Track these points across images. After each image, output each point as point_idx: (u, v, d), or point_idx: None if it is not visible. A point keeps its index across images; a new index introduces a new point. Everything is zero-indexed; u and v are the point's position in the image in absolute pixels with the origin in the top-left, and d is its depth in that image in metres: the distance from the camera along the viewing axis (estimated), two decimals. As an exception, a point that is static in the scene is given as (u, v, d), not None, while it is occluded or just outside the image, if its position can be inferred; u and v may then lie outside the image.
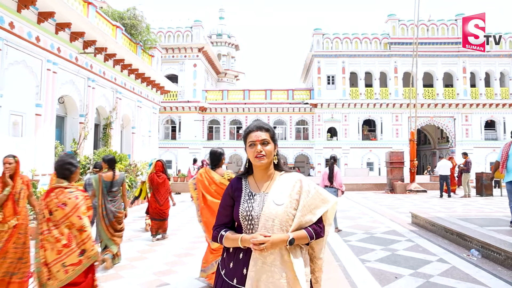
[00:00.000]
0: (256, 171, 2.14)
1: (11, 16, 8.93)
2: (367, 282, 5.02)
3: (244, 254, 1.98)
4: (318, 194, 2.06)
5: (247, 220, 2.01)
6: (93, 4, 12.93)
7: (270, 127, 2.16)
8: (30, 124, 9.81)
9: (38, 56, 10.05)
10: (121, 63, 14.96)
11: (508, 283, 4.88)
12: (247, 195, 2.08)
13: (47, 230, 3.28)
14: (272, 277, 1.86)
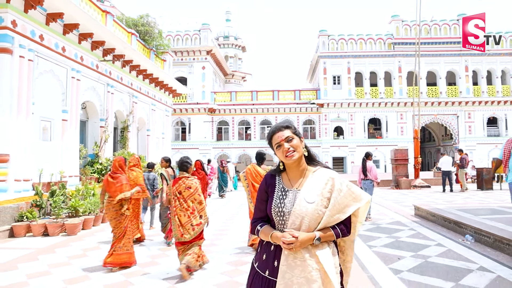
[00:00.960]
0: (289, 168, 2.17)
1: (41, 29, 9.72)
2: (373, 262, 5.72)
3: (275, 247, 2.04)
4: (350, 192, 2.06)
5: (279, 216, 2.05)
6: (110, 14, 13.71)
7: (290, 123, 2.20)
8: (58, 129, 10.58)
9: (63, 65, 10.82)
10: (137, 68, 15.75)
11: (494, 261, 5.59)
12: (280, 190, 2.12)
13: (179, 204, 5.22)
14: (303, 271, 1.90)
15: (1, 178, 8.34)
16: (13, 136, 8.63)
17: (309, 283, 1.87)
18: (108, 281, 5.09)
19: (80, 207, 9.02)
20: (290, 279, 1.90)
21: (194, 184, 5.30)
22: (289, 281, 1.90)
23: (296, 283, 1.88)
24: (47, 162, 9.82)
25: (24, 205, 8.70)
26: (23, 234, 8.16)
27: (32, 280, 5.10)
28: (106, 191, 5.82)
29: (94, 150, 12.84)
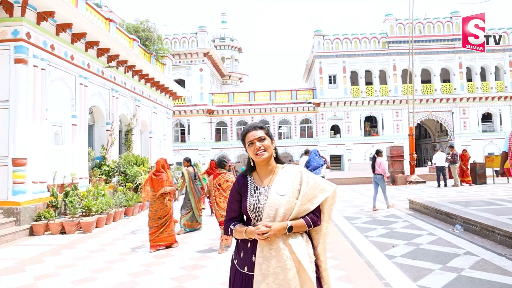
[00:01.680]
0: (258, 167, 2.30)
1: (52, 39, 10.22)
2: (370, 250, 6.28)
3: (251, 243, 2.14)
4: (317, 184, 2.18)
5: (254, 213, 2.16)
6: (113, 21, 14.23)
7: (264, 125, 2.32)
8: (68, 133, 11.08)
9: (72, 72, 11.32)
10: (139, 73, 16.27)
11: (480, 246, 6.17)
12: (252, 189, 2.23)
13: (219, 193, 6.65)
14: (279, 261, 2.00)
15: (20, 180, 8.85)
16: (29, 141, 9.13)
17: (284, 272, 1.98)
18: (143, 260, 5.64)
19: (93, 206, 9.55)
20: (267, 269, 2.01)
21: (231, 178, 6.75)
22: (266, 271, 2.01)
23: (272, 272, 2.00)
24: (60, 165, 10.32)
25: (41, 206, 9.24)
26: (42, 232, 8.69)
27: (61, 271, 5.64)
28: (151, 187, 7.15)
29: (101, 153, 13.35)
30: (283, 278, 1.98)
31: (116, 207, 10.73)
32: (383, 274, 4.98)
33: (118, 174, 13.47)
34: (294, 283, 1.97)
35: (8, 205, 8.67)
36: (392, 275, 4.93)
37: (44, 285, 5.00)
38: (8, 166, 8.84)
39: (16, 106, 8.93)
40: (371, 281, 4.75)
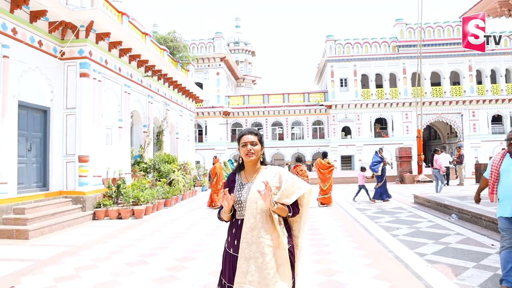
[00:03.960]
0: (246, 166, 2.66)
1: (105, 55, 11.90)
2: (378, 231, 7.83)
3: (235, 229, 2.54)
4: (294, 183, 2.52)
5: (237, 204, 2.55)
6: (148, 35, 15.92)
7: (258, 132, 2.66)
8: (116, 135, 12.75)
9: (119, 82, 13.00)
10: (169, 80, 17.95)
11: (468, 230, 7.71)
12: (239, 185, 2.62)
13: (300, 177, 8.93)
14: (258, 247, 2.38)
15: (84, 174, 10.54)
16: (90, 141, 10.81)
17: (263, 256, 2.35)
18: (196, 240, 7.25)
19: (141, 197, 11.20)
20: (249, 253, 2.38)
21: (304, 168, 11.26)
22: (248, 255, 2.37)
23: (253, 256, 2.37)
24: (110, 162, 11.99)
25: (100, 196, 10.94)
26: (102, 217, 10.39)
27: (138, 242, 7.27)
28: None
29: (139, 152, 15.03)
30: (261, 261, 2.35)
31: (158, 198, 12.38)
32: (388, 245, 6.54)
33: (153, 171, 15.15)
34: (271, 265, 2.35)
35: (75, 194, 10.40)
36: (395, 246, 6.48)
37: (120, 256, 6.57)
38: (75, 162, 10.54)
39: (81, 113, 10.63)
40: (379, 249, 6.30)
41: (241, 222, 2.50)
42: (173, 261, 5.88)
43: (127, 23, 13.78)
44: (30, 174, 9.83)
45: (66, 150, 10.66)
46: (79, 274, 5.31)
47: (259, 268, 2.34)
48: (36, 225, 8.32)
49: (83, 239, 7.86)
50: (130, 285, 4.79)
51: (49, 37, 10.30)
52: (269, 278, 2.32)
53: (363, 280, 4.71)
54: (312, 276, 4.89)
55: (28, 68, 9.52)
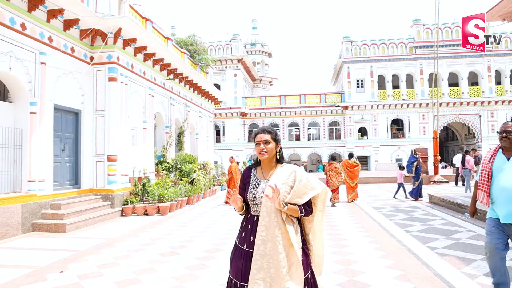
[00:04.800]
0: (262, 163, 2.67)
1: (131, 60, 12.53)
2: (393, 227, 8.23)
3: (251, 225, 2.56)
4: (309, 183, 2.52)
5: (252, 201, 2.57)
6: (170, 39, 16.57)
7: (273, 130, 2.65)
8: (140, 136, 13.37)
9: (144, 85, 13.62)
10: (189, 82, 18.56)
11: (480, 227, 8.03)
12: (254, 181, 2.63)
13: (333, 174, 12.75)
14: (273, 245, 2.39)
15: (113, 173, 11.17)
16: (118, 142, 11.44)
17: (277, 254, 2.38)
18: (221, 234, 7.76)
19: (166, 195, 11.79)
20: (264, 250, 2.40)
21: (338, 165, 12.72)
22: (263, 252, 2.40)
23: (268, 253, 2.40)
24: (136, 162, 12.60)
25: (127, 193, 11.57)
26: (130, 213, 11.01)
27: (167, 236, 7.82)
28: None
29: (162, 152, 15.65)
30: (276, 258, 2.38)
31: (181, 196, 12.95)
32: (401, 240, 6.95)
33: (175, 170, 15.76)
34: (283, 263, 2.38)
35: (105, 191, 11.03)
36: (408, 241, 6.89)
37: (152, 247, 7.11)
38: (104, 161, 11.18)
39: (110, 115, 11.27)
40: (393, 243, 6.72)
41: (257, 218, 2.51)
42: (202, 252, 6.40)
43: (151, 28, 14.43)
44: (63, 172, 10.50)
45: (95, 150, 11.32)
46: (118, 262, 5.87)
47: (273, 265, 2.38)
48: (72, 220, 8.95)
49: (116, 233, 8.45)
50: (166, 271, 5.31)
51: (80, 43, 10.96)
52: (282, 276, 2.36)
53: (378, 269, 5.14)
54: (332, 266, 5.34)
55: (62, 73, 10.17)
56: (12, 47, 8.54)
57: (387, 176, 23.92)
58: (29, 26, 8.96)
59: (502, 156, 3.69)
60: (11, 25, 8.42)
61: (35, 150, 9.12)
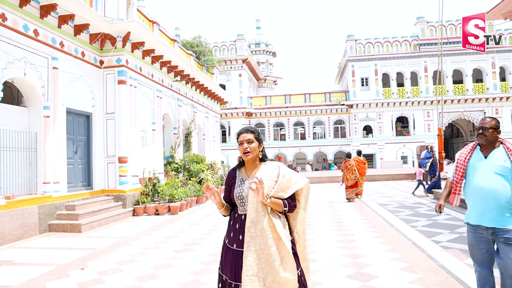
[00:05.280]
0: (246, 163, 2.70)
1: (140, 63, 12.80)
2: (398, 223, 8.45)
3: (239, 225, 2.57)
4: (291, 178, 2.56)
5: (239, 200, 2.59)
6: (177, 41, 16.85)
7: (256, 130, 2.70)
8: (149, 137, 13.64)
9: (152, 87, 13.90)
10: (196, 84, 18.83)
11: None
12: (239, 181, 2.66)
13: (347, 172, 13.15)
14: (263, 239, 2.41)
15: (124, 174, 11.45)
16: (128, 143, 11.71)
17: (268, 248, 2.40)
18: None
19: (176, 195, 12.05)
20: (254, 246, 2.42)
21: (352, 162, 13.14)
22: (253, 247, 2.42)
23: (259, 248, 2.41)
24: (145, 163, 12.88)
25: (138, 194, 11.84)
26: (141, 213, 11.28)
27: (180, 234, 8.07)
28: None
29: (170, 153, 15.92)
30: (267, 252, 2.40)
31: (190, 196, 13.21)
32: (407, 234, 7.16)
33: (183, 170, 16.02)
34: (275, 256, 2.40)
35: (116, 192, 11.31)
36: (413, 235, 7.10)
37: (167, 245, 7.36)
38: (115, 163, 11.46)
39: (120, 117, 11.55)
40: (399, 238, 6.93)
41: (245, 217, 2.53)
42: (215, 248, 6.64)
43: (158, 31, 14.69)
44: (76, 174, 10.79)
45: (107, 152, 11.60)
46: (135, 259, 6.13)
47: (265, 259, 2.40)
48: (86, 220, 9.23)
49: (130, 232, 8.72)
50: (182, 267, 5.57)
51: (90, 48, 11.24)
52: (275, 269, 2.38)
53: (384, 261, 5.36)
54: (340, 259, 5.57)
55: (73, 78, 10.45)
56: (26, 53, 8.82)
57: (392, 174, 24.07)
58: (41, 32, 9.24)
59: (480, 153, 3.37)
60: (24, 32, 8.70)
61: (49, 153, 9.40)
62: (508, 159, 3.18)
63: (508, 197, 3.09)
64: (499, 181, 3.14)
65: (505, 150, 3.24)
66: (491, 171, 3.19)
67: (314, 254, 5.93)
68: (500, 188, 3.12)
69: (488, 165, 3.24)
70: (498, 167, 3.17)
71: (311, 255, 5.82)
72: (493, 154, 3.27)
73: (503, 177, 3.14)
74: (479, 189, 3.23)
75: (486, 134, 3.27)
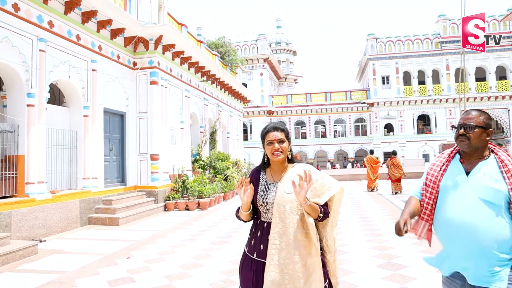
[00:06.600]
0: (272, 164, 2.41)
1: (170, 64, 13.32)
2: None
3: (261, 233, 2.33)
4: (325, 182, 2.31)
5: (263, 206, 2.33)
6: (203, 42, 17.35)
7: (285, 127, 2.41)
8: (178, 135, 14.17)
9: (181, 87, 14.42)
10: (221, 83, 19.31)
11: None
12: (263, 184, 2.38)
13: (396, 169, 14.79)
14: (288, 254, 2.18)
15: (155, 171, 11.99)
16: (159, 142, 12.25)
17: (293, 264, 2.17)
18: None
19: (205, 191, 12.54)
20: (278, 260, 2.18)
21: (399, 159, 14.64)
22: (277, 261, 2.18)
23: (283, 263, 2.17)
24: (175, 160, 13.42)
25: (168, 190, 12.38)
26: (172, 208, 11.81)
27: (212, 228, 8.53)
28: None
29: (197, 150, 16.44)
30: (292, 268, 2.17)
31: (218, 192, 13.69)
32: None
33: (209, 168, 16.53)
34: (300, 274, 2.16)
35: (148, 188, 11.87)
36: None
37: (202, 238, 7.82)
38: (148, 160, 12.01)
39: (152, 116, 12.09)
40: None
41: (268, 225, 2.29)
42: (248, 241, 7.07)
43: (186, 33, 15.20)
44: (112, 170, 11.37)
45: (139, 150, 12.16)
46: (175, 250, 6.60)
47: (289, 275, 2.17)
48: (123, 214, 9.79)
49: (164, 226, 9.24)
50: (220, 257, 6.01)
51: (124, 50, 11.80)
52: (299, 286, 2.16)
53: (412, 253, 5.69)
54: (370, 251, 5.93)
55: (110, 79, 11.01)
56: (69, 57, 9.40)
57: (414, 172, 24.10)
58: (82, 36, 9.81)
59: (459, 165, 2.24)
60: (68, 37, 9.28)
61: (88, 150, 9.98)
62: (501, 178, 2.05)
63: (500, 241, 1.98)
64: (486, 213, 2.01)
65: (498, 164, 2.11)
66: (475, 196, 2.06)
67: (345, 252, 6.29)
68: (486, 224, 1.99)
69: (470, 187, 2.11)
70: (486, 191, 2.04)
71: (342, 255, 6.17)
72: (479, 168, 2.14)
73: (492, 207, 2.01)
74: (454, 225, 2.09)
75: (469, 136, 2.15)
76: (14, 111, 8.11)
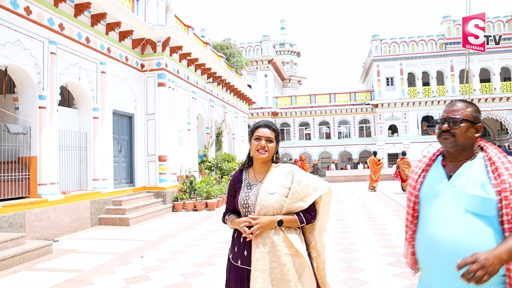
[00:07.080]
0: (256, 163, 2.31)
1: (177, 66, 13.44)
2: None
3: (243, 239, 2.16)
4: (310, 183, 2.16)
5: (244, 208, 2.21)
6: (209, 44, 17.47)
7: (277, 128, 2.31)
8: (185, 137, 14.27)
9: (187, 89, 14.53)
10: (227, 85, 19.42)
11: None
12: (245, 186, 2.28)
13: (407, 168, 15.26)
14: (274, 256, 2.05)
15: (164, 172, 12.09)
16: (167, 143, 12.35)
17: (281, 266, 2.04)
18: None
19: (212, 192, 12.63)
20: (264, 265, 2.04)
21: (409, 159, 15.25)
22: (263, 267, 2.04)
23: (269, 267, 2.04)
24: (182, 161, 13.51)
25: (176, 191, 12.48)
26: (180, 209, 11.91)
27: (221, 228, 8.61)
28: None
29: (203, 152, 16.54)
30: (279, 271, 2.04)
31: (224, 193, 13.76)
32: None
33: (215, 169, 16.62)
34: (290, 276, 2.03)
35: (157, 189, 11.97)
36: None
37: (212, 238, 7.91)
38: (156, 161, 12.12)
39: (160, 118, 12.20)
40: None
41: (250, 228, 2.12)
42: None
43: (192, 35, 15.32)
44: (121, 172, 11.48)
45: (147, 151, 12.26)
46: (187, 249, 6.69)
47: (277, 280, 2.04)
48: (133, 215, 9.89)
49: (174, 226, 9.33)
50: (232, 256, 6.08)
51: (132, 52, 11.92)
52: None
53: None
54: (375, 243, 5.99)
55: (118, 81, 11.14)
56: (79, 59, 9.52)
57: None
58: (92, 39, 9.94)
59: (440, 169, 1.85)
60: (78, 39, 9.41)
61: (98, 152, 10.09)
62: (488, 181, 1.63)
63: None
64: (474, 229, 1.59)
65: (485, 163, 1.70)
66: (459, 207, 1.64)
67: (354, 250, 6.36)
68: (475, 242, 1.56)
69: (452, 194, 1.69)
70: (471, 200, 1.62)
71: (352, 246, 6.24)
72: (464, 171, 1.72)
73: (482, 220, 1.59)
74: (433, 244, 1.68)
75: (454, 133, 1.77)
76: (26, 113, 8.23)
